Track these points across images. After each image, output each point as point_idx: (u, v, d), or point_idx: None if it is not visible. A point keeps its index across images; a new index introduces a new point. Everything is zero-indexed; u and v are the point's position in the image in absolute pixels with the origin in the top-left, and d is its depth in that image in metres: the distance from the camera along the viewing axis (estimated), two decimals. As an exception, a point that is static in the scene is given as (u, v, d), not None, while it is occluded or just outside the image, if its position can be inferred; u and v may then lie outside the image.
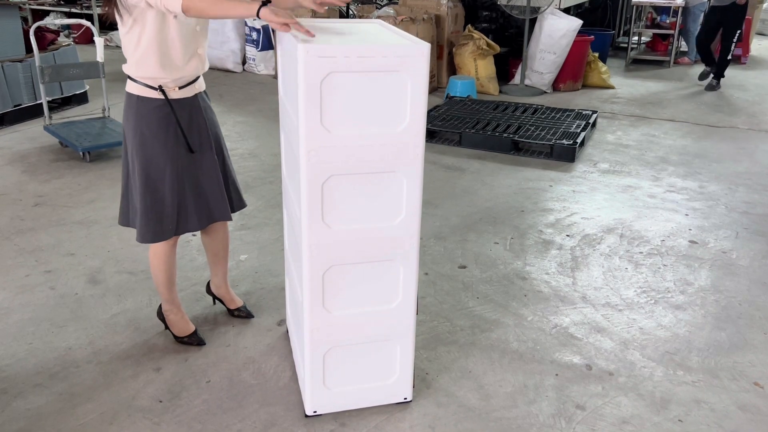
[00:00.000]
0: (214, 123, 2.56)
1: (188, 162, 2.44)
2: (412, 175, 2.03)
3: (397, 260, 2.14)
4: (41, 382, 2.49)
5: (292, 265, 2.42)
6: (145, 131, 2.36)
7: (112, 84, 5.61)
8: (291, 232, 2.36)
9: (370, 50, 1.87)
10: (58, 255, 3.46)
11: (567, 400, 2.42)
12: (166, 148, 2.38)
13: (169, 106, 2.35)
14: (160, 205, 2.43)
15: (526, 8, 6.87)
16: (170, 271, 2.62)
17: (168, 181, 2.41)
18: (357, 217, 2.05)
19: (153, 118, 2.35)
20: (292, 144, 2.11)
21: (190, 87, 2.41)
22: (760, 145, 5.44)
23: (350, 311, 2.17)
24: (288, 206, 2.39)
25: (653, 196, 4.36)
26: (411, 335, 2.26)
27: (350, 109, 1.92)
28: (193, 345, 2.71)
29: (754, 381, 2.55)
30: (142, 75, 2.31)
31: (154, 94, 2.33)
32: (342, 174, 1.98)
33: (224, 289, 2.88)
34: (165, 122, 2.36)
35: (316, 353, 2.20)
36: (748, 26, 8.88)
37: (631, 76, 8.04)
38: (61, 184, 4.41)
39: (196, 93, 2.45)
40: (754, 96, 7.14)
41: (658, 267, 3.42)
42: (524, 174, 4.73)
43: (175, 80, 2.34)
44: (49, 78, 5.00)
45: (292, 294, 2.50)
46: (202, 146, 2.47)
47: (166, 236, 2.48)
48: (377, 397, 2.36)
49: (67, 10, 10.18)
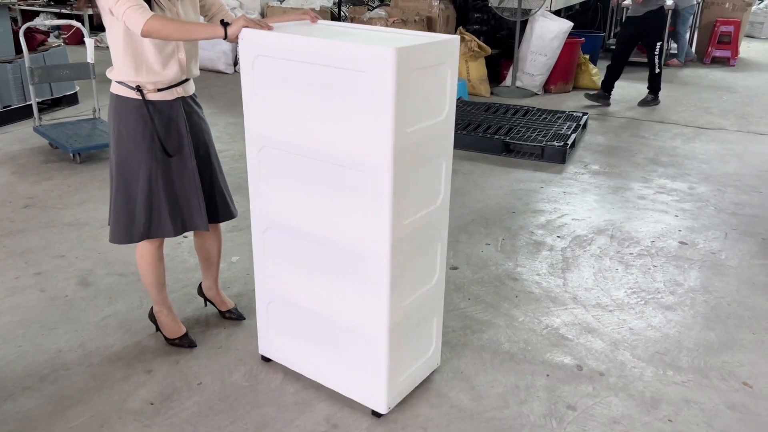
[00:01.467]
0: (201, 129, 2.51)
1: (164, 165, 2.40)
2: (449, 158, 2.24)
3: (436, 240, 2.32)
4: (31, 384, 2.47)
5: None
6: (122, 130, 2.36)
7: (103, 85, 5.57)
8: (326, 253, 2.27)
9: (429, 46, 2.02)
10: (48, 257, 3.44)
11: (558, 401, 2.43)
12: (141, 149, 2.36)
13: (146, 107, 2.33)
14: (132, 205, 2.41)
15: (517, 10, 6.90)
16: (157, 273, 2.61)
17: (141, 182, 2.39)
18: (417, 206, 2.18)
19: (130, 118, 2.35)
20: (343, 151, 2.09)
21: (170, 90, 2.37)
22: (749, 147, 5.49)
23: (413, 296, 2.27)
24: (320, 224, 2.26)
25: (643, 197, 4.39)
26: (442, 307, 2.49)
27: (418, 104, 2.02)
28: (184, 347, 2.70)
29: (743, 380, 2.57)
30: (120, 75, 2.32)
31: (132, 94, 2.33)
32: (412, 166, 2.07)
33: (215, 292, 2.88)
34: (141, 123, 2.35)
35: (392, 340, 2.22)
36: (737, 29, 8.95)
37: (621, 78, 8.05)
38: (51, 186, 4.39)
39: (179, 97, 2.41)
40: (742, 98, 7.20)
41: (648, 268, 3.44)
42: (515, 175, 4.75)
43: (152, 83, 2.33)
44: (39, 79, 4.98)
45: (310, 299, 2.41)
46: (181, 151, 2.42)
47: (136, 238, 2.46)
48: (421, 373, 2.47)
49: (57, 11, 10.13)
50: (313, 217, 2.21)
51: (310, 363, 2.45)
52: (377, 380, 2.26)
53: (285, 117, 2.16)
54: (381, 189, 2.00)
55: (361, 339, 2.25)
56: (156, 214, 2.43)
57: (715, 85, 7.80)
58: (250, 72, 2.16)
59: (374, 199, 2.03)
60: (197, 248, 2.78)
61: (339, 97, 2.01)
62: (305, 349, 2.45)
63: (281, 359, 2.55)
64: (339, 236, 2.17)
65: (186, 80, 2.44)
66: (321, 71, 2.01)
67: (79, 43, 8.95)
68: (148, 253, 2.55)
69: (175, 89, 2.39)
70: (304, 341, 2.44)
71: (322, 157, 2.11)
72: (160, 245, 2.57)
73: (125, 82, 2.33)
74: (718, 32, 8.99)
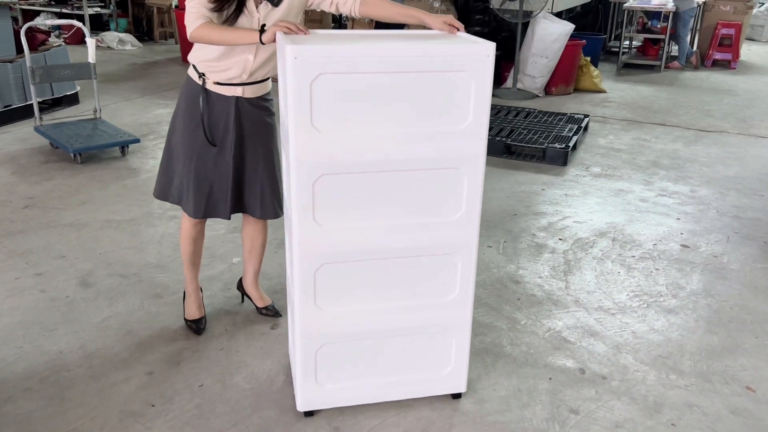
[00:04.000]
0: (261, 129, 2.55)
1: (202, 151, 2.52)
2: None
3: None
4: (31, 386, 2.46)
5: None
6: (182, 105, 2.54)
7: (104, 85, 5.58)
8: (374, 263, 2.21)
9: None
10: (48, 257, 3.43)
11: (560, 404, 2.42)
12: (188, 128, 2.52)
13: (202, 94, 2.46)
14: (171, 172, 2.62)
15: (518, 12, 6.89)
16: (190, 251, 2.74)
17: (181, 156, 2.56)
18: None
19: (189, 99, 2.51)
20: None
21: (230, 87, 2.46)
22: (750, 150, 5.48)
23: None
24: None
25: (645, 200, 4.38)
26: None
27: None
28: (191, 330, 2.80)
29: (746, 385, 2.56)
30: (193, 59, 2.48)
31: (196, 78, 2.48)
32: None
33: (253, 287, 2.92)
34: (195, 107, 2.49)
35: None
36: (738, 32, 8.95)
37: (623, 81, 8.09)
38: (52, 186, 4.38)
39: (237, 96, 2.47)
40: (743, 101, 7.19)
41: (650, 271, 3.43)
42: (517, 177, 4.74)
43: (212, 73, 2.44)
44: (39, 79, 4.97)
45: None
46: (223, 144, 2.52)
47: (170, 199, 2.64)
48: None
49: (58, 11, 10.13)
50: (392, 231, 2.12)
51: (370, 388, 2.36)
52: (459, 365, 2.38)
53: (355, 135, 1.98)
54: (475, 182, 2.11)
55: (441, 334, 2.32)
56: (186, 189, 2.58)
57: (716, 88, 7.79)
58: (307, 94, 1.89)
59: (468, 193, 2.12)
60: (243, 236, 2.84)
61: (430, 100, 1.98)
62: (363, 378, 2.33)
63: (334, 403, 2.34)
64: (423, 243, 2.16)
65: (252, 83, 2.47)
66: (405, 78, 1.94)
67: (80, 43, 8.95)
68: (185, 228, 2.70)
69: (233, 88, 2.46)
70: (362, 370, 2.32)
71: (406, 166, 2.05)
72: (197, 225, 2.69)
73: (195, 65, 2.47)
74: (719, 35, 8.99)
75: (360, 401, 2.36)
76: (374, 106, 1.96)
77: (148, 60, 8.82)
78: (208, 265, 3.34)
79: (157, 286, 3.17)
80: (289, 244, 2.29)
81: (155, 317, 2.92)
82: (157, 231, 3.74)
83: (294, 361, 2.34)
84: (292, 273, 2.19)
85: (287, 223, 2.31)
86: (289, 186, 2.11)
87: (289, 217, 2.19)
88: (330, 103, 1.93)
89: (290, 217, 2.13)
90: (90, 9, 9.94)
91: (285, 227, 2.42)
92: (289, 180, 2.09)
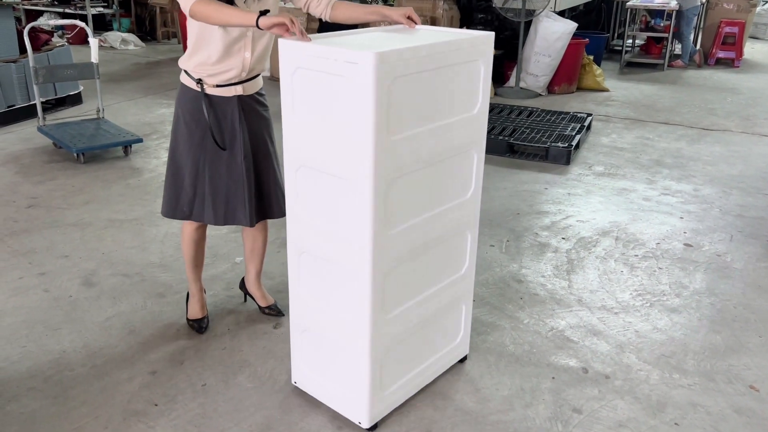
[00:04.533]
0: (260, 127, 2.57)
1: (213, 157, 2.51)
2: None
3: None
4: (35, 385, 2.47)
5: None
6: (180, 116, 2.51)
7: (107, 85, 5.59)
8: None
9: None
10: (51, 257, 3.44)
11: (563, 404, 2.42)
12: (193, 136, 2.49)
13: (203, 100, 2.44)
14: (179, 186, 2.56)
15: (521, 11, 6.88)
16: (192, 253, 2.74)
17: (189, 167, 2.52)
18: None
19: (188, 107, 2.48)
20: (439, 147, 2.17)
21: (228, 88, 2.46)
22: (754, 149, 5.47)
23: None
24: None
25: (648, 199, 4.37)
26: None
27: None
28: (193, 329, 2.81)
29: (750, 384, 2.55)
30: (187, 65, 2.45)
31: (193, 84, 2.45)
32: None
33: (256, 286, 2.93)
34: (197, 114, 2.47)
35: None
36: (742, 30, 8.93)
37: (626, 79, 8.07)
38: (55, 186, 4.39)
39: (239, 95, 2.48)
40: (747, 99, 7.17)
41: (653, 270, 3.42)
42: (520, 176, 4.74)
43: (211, 76, 2.42)
44: (43, 79, 4.98)
45: None
46: (232, 146, 2.52)
47: (179, 216, 2.60)
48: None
49: (61, 11, 10.14)
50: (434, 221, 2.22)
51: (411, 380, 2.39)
52: (466, 330, 2.54)
53: (415, 134, 2.02)
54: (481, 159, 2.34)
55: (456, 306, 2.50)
56: (199, 200, 2.56)
57: (720, 86, 7.77)
58: (385, 99, 1.84)
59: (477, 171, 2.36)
60: (244, 238, 2.84)
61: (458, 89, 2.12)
62: (409, 372, 2.36)
63: (392, 406, 2.33)
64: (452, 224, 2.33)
65: (249, 79, 2.49)
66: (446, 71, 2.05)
67: (83, 43, 8.97)
68: (186, 232, 2.70)
69: (233, 87, 2.46)
70: (407, 365, 2.34)
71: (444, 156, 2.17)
72: (198, 228, 2.69)
73: (190, 72, 2.44)
74: (723, 33, 8.97)
75: (407, 396, 2.39)
76: (424, 103, 2.01)
77: (151, 60, 8.83)
78: (211, 265, 3.34)
79: (160, 285, 3.18)
80: (340, 252, 2.09)
81: (158, 316, 2.92)
82: (160, 230, 3.74)
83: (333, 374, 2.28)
84: (347, 283, 2.09)
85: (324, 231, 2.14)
86: (357, 195, 1.96)
87: (336, 230, 2.07)
88: (400, 106, 1.91)
89: (347, 226, 2.03)
90: (93, 9, 9.95)
91: (287, 232, 2.38)
92: (355, 190, 1.96)
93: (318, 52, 1.91)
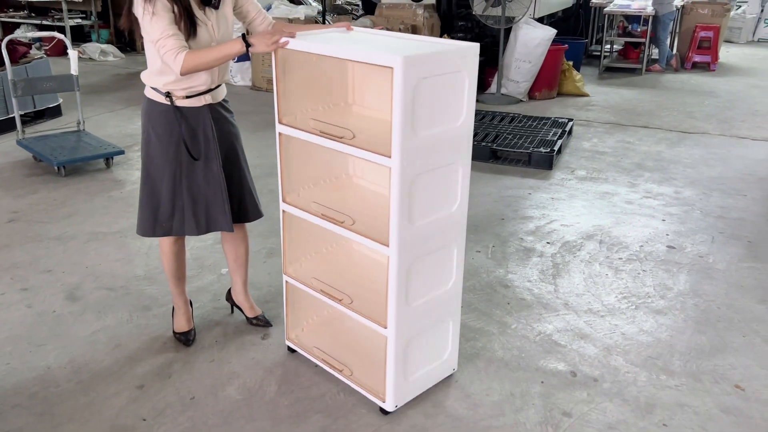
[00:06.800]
0: (230, 133, 2.60)
1: (189, 168, 2.50)
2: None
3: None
4: (20, 402, 2.43)
5: None
6: (151, 132, 2.48)
7: (87, 97, 5.54)
8: None
9: None
10: (34, 272, 3.39)
11: (553, 408, 2.43)
12: (168, 151, 2.47)
13: (174, 113, 2.42)
14: (156, 202, 2.52)
15: (501, 18, 6.94)
16: (173, 267, 2.71)
17: (166, 181, 2.49)
18: None
19: (159, 121, 2.46)
20: None
21: (199, 97, 2.46)
22: (732, 150, 5.55)
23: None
24: None
25: (630, 202, 4.42)
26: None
27: None
28: (180, 342, 2.78)
29: (735, 383, 2.58)
30: (154, 81, 2.43)
31: (162, 98, 2.43)
32: None
33: (243, 296, 2.90)
34: (169, 127, 2.45)
35: None
36: (717, 34, 9.07)
37: (605, 84, 8.16)
38: (36, 200, 4.33)
39: (208, 104, 2.49)
40: (724, 102, 7.29)
41: (637, 272, 3.46)
42: (503, 182, 4.77)
43: (183, 89, 2.42)
44: (22, 91, 4.93)
45: None
46: (207, 155, 2.51)
47: (158, 233, 2.57)
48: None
49: (39, 22, 10.05)
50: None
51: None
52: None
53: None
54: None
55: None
56: (179, 213, 2.54)
57: (697, 89, 7.89)
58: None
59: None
60: (226, 250, 2.82)
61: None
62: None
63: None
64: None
65: (215, 87, 2.51)
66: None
67: (62, 55, 8.88)
68: (165, 248, 2.66)
69: (203, 96, 2.47)
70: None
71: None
72: (176, 241, 2.66)
73: (157, 87, 2.43)
74: (698, 38, 9.10)
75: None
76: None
77: (131, 71, 8.76)
78: (197, 276, 3.32)
79: (146, 298, 3.15)
80: None
81: (144, 330, 2.89)
82: (144, 243, 3.71)
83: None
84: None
85: None
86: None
87: None
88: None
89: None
90: (71, 20, 9.87)
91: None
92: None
93: None
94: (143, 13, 2.25)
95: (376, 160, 2.09)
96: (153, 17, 2.23)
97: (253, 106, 6.75)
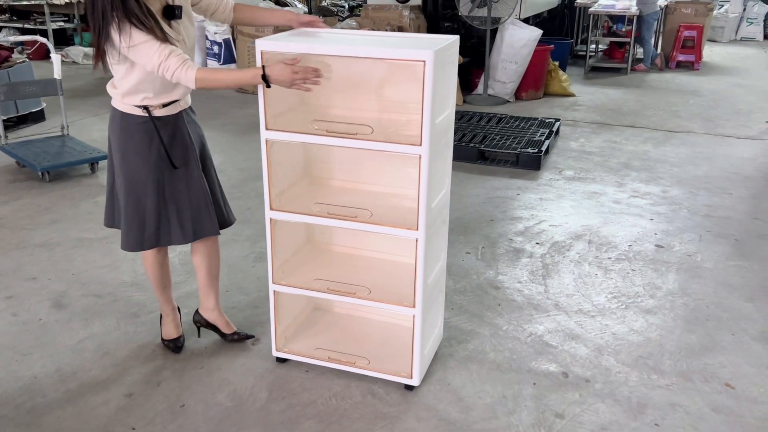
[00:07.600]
0: (201, 137, 2.59)
1: (172, 177, 2.45)
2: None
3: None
4: (6, 413, 2.39)
5: None
6: (128, 146, 2.41)
7: (71, 101, 5.48)
8: None
9: None
10: (19, 279, 3.34)
11: (546, 409, 2.43)
12: (149, 163, 2.41)
13: (152, 123, 2.38)
14: (141, 215, 2.47)
15: (487, 19, 6.95)
16: (158, 277, 2.67)
17: (150, 194, 2.44)
18: None
19: (136, 134, 2.39)
20: None
21: (174, 105, 2.42)
22: (717, 149, 5.59)
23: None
24: None
25: (618, 201, 4.44)
26: None
27: None
28: (169, 349, 2.75)
29: (726, 382, 2.59)
30: (128, 100, 2.36)
31: (138, 111, 2.37)
32: None
33: (217, 313, 2.78)
34: (148, 138, 2.39)
35: None
36: (700, 33, 9.15)
37: (591, 84, 8.20)
38: (20, 206, 4.28)
39: (181, 110, 2.46)
40: (708, 101, 7.34)
41: (626, 272, 3.47)
42: (492, 183, 4.77)
43: (157, 102, 2.37)
44: (4, 96, 4.86)
45: None
46: (187, 162, 2.48)
47: (146, 245, 2.51)
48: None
49: (20, 26, 9.93)
50: None
51: None
52: None
53: None
54: None
55: None
56: (164, 224, 2.49)
57: (682, 89, 7.95)
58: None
59: None
60: (197, 264, 2.70)
61: None
62: None
63: None
64: None
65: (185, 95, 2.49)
66: None
67: (44, 59, 8.78)
68: (149, 258, 2.62)
69: (178, 103, 2.44)
70: None
71: None
72: (159, 252, 2.62)
73: (133, 102, 2.36)
74: (682, 37, 9.18)
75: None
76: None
77: (115, 74, 8.69)
78: (184, 282, 3.29)
79: (134, 305, 3.11)
80: None
81: (132, 337, 2.86)
82: (131, 248, 3.67)
83: None
84: None
85: None
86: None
87: None
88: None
89: None
90: (54, 24, 9.76)
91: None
92: None
93: None
94: (127, 49, 2.17)
95: (405, 150, 2.22)
96: (138, 47, 2.16)
97: (240, 109, 6.71)
